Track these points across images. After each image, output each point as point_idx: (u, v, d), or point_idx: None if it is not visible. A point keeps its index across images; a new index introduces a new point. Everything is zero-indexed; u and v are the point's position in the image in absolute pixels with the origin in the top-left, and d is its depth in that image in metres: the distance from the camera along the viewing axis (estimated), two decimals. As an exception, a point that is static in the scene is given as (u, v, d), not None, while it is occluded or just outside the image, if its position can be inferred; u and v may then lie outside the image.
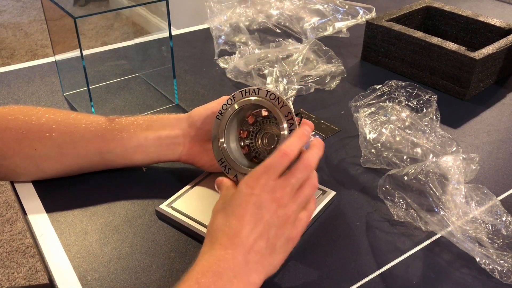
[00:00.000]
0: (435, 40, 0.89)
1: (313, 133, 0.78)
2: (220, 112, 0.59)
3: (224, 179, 0.55)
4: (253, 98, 0.57)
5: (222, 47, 1.03)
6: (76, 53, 0.72)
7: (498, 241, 0.56)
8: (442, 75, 0.89)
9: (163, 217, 0.61)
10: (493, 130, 0.80)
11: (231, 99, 0.58)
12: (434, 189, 0.58)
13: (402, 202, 0.60)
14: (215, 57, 1.01)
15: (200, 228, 0.58)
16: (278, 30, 1.10)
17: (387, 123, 0.68)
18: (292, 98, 0.85)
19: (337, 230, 0.60)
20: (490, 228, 0.57)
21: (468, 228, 0.56)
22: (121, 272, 0.54)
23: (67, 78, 0.87)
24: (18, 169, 0.63)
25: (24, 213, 0.61)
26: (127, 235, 0.59)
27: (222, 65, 0.97)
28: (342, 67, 0.93)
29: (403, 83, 0.76)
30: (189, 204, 0.61)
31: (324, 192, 0.64)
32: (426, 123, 0.70)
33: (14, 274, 1.63)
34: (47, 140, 0.61)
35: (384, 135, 0.68)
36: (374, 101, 0.74)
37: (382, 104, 0.73)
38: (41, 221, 0.60)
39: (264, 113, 0.60)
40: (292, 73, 0.87)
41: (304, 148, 0.53)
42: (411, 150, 0.66)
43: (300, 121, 0.57)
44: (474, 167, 0.64)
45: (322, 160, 0.72)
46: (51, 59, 0.98)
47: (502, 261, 0.54)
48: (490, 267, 0.54)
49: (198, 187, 0.64)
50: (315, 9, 1.12)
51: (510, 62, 0.93)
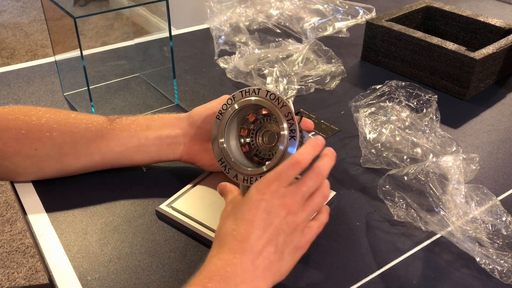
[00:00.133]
0: (435, 40, 0.89)
1: (313, 133, 0.78)
2: (220, 112, 0.59)
3: (228, 185, 0.54)
4: (253, 98, 0.57)
5: (222, 47, 1.03)
6: (76, 53, 0.72)
7: (498, 241, 0.56)
8: (442, 75, 0.89)
9: (163, 217, 0.61)
10: (493, 130, 0.80)
11: (231, 99, 0.58)
12: (434, 189, 0.58)
13: (402, 202, 0.60)
14: (215, 57, 1.01)
15: (200, 228, 0.58)
16: (278, 30, 1.10)
17: (387, 123, 0.68)
18: (292, 98, 0.85)
19: (337, 230, 0.60)
20: (490, 228, 0.57)
21: (468, 228, 0.56)
22: (121, 272, 0.54)
23: (67, 78, 0.87)
24: (19, 169, 0.63)
25: (24, 213, 0.61)
26: (127, 235, 0.59)
27: (222, 65, 0.97)
28: (342, 67, 0.93)
29: (403, 83, 0.76)
30: (189, 204, 0.61)
31: (324, 192, 0.64)
32: (426, 123, 0.70)
33: (14, 274, 1.63)
34: (48, 140, 0.61)
35: (384, 135, 0.68)
36: (374, 101, 0.74)
37: (382, 104, 0.73)
38: (41, 221, 0.60)
39: (265, 111, 0.60)
40: (292, 73, 0.87)
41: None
42: (411, 150, 0.66)
43: (300, 120, 0.57)
44: (474, 167, 0.64)
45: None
46: (51, 59, 0.98)
47: (502, 261, 0.54)
48: (490, 267, 0.54)
49: (198, 187, 0.64)
50: (315, 9, 1.12)
51: (510, 62, 0.93)
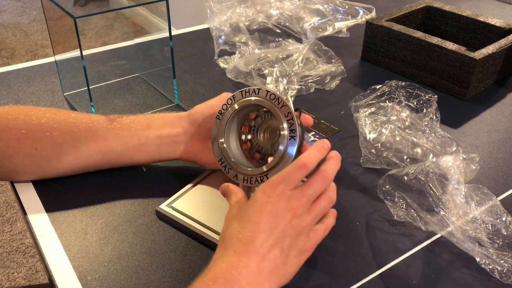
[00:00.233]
0: (435, 40, 0.89)
1: (313, 133, 0.78)
2: (220, 112, 0.59)
3: (231, 186, 0.54)
4: (253, 98, 0.57)
5: (222, 47, 1.03)
6: (76, 53, 0.72)
7: (498, 241, 0.56)
8: (442, 75, 0.89)
9: (163, 217, 0.61)
10: (493, 130, 0.80)
11: (231, 99, 0.58)
12: (434, 189, 0.58)
13: (402, 202, 0.60)
14: (215, 57, 1.01)
15: (200, 228, 0.58)
16: (278, 30, 1.10)
17: (387, 123, 0.68)
18: (292, 98, 0.85)
19: (337, 230, 0.60)
20: (490, 228, 0.57)
21: (468, 228, 0.56)
22: (121, 272, 0.54)
23: (67, 78, 0.87)
24: (19, 169, 0.63)
25: (24, 213, 0.61)
26: (127, 235, 0.59)
27: (222, 65, 0.97)
28: (342, 67, 0.93)
29: (403, 83, 0.76)
30: (189, 204, 0.61)
31: (324, 192, 0.64)
32: (426, 123, 0.70)
33: (14, 274, 1.63)
34: (48, 140, 0.61)
35: (384, 135, 0.68)
36: (374, 101, 0.74)
37: (382, 104, 0.73)
38: (41, 221, 0.60)
39: (265, 108, 0.60)
40: (292, 73, 0.87)
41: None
42: (411, 150, 0.66)
43: (300, 116, 0.57)
44: (474, 167, 0.64)
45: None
46: (51, 59, 0.98)
47: (502, 261, 0.54)
48: (490, 267, 0.54)
49: (198, 187, 0.64)
50: (315, 9, 1.12)
51: (510, 62, 0.93)
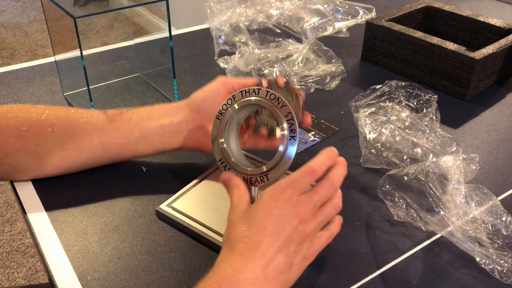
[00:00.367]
0: (435, 40, 0.89)
1: (313, 133, 0.78)
2: (220, 112, 0.59)
3: (233, 178, 0.54)
4: (253, 98, 0.57)
5: (222, 47, 1.03)
6: (76, 53, 0.72)
7: (498, 241, 0.56)
8: (442, 75, 0.89)
9: (163, 217, 0.61)
10: (493, 130, 0.80)
11: (231, 99, 0.58)
12: (434, 189, 0.58)
13: (402, 202, 0.60)
14: (215, 57, 1.01)
15: (200, 228, 0.58)
16: (278, 30, 1.10)
17: (387, 123, 0.68)
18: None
19: (337, 230, 0.60)
20: (490, 228, 0.57)
21: (468, 228, 0.56)
22: (121, 272, 0.54)
23: (67, 78, 0.87)
24: (21, 165, 0.62)
25: (24, 213, 0.61)
26: (127, 235, 0.59)
27: (222, 65, 0.97)
28: (342, 67, 0.93)
29: (403, 83, 0.76)
30: (189, 204, 0.61)
31: (324, 192, 0.64)
32: (426, 123, 0.70)
33: (14, 274, 1.63)
34: (49, 135, 0.61)
35: (384, 135, 0.68)
36: (374, 101, 0.74)
37: (382, 104, 0.73)
38: (41, 221, 0.60)
39: (281, 84, 0.60)
40: (292, 73, 0.87)
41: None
42: (411, 150, 0.66)
43: (287, 86, 0.57)
44: (474, 167, 0.64)
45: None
46: (51, 59, 0.98)
47: (502, 261, 0.54)
48: (490, 267, 0.54)
49: (198, 187, 0.64)
50: (315, 9, 1.12)
51: (510, 62, 0.93)
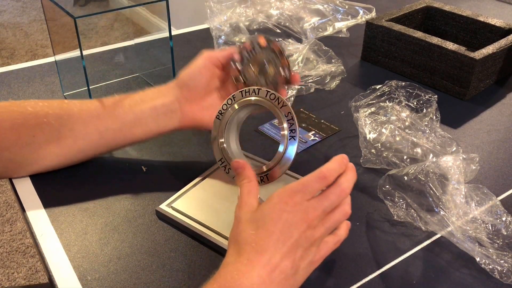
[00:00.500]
0: (435, 40, 0.89)
1: (313, 133, 0.78)
2: (220, 112, 0.59)
3: (246, 168, 0.53)
4: (253, 98, 0.57)
5: (222, 47, 1.03)
6: (76, 53, 0.72)
7: (498, 241, 0.56)
8: (442, 75, 0.89)
9: (163, 217, 0.61)
10: (493, 130, 0.80)
11: (231, 99, 0.58)
12: (434, 189, 0.58)
13: (402, 202, 0.60)
14: (215, 57, 1.01)
15: (200, 228, 0.58)
16: (278, 30, 1.10)
17: (387, 123, 0.68)
18: (292, 98, 0.85)
19: (337, 230, 0.60)
20: (490, 228, 0.57)
21: (468, 228, 0.56)
22: (121, 272, 0.54)
23: (67, 78, 0.87)
24: (18, 159, 0.62)
25: (24, 213, 0.61)
26: (127, 235, 0.59)
27: (222, 65, 0.97)
28: (342, 67, 0.93)
29: (403, 83, 0.76)
30: (189, 204, 0.61)
31: (324, 192, 0.64)
32: (426, 123, 0.70)
33: (14, 274, 1.63)
34: (45, 126, 0.61)
35: (384, 135, 0.68)
36: (374, 101, 0.74)
37: (382, 104, 0.73)
38: (41, 221, 0.60)
39: (263, 44, 0.59)
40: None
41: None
42: (411, 150, 0.66)
43: (270, 45, 0.57)
44: (474, 167, 0.64)
45: (323, 160, 0.72)
46: (51, 59, 0.98)
47: (502, 261, 0.54)
48: (490, 267, 0.54)
49: (198, 187, 0.64)
50: (315, 9, 1.11)
51: (510, 62, 0.93)
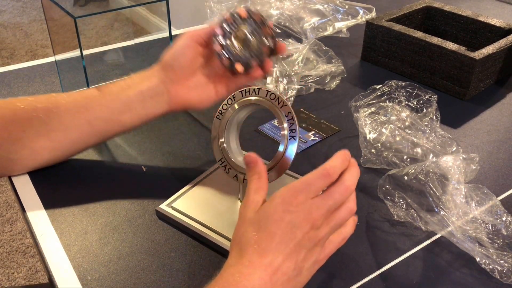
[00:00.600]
0: (435, 40, 0.89)
1: (313, 132, 0.78)
2: (220, 112, 0.59)
3: (258, 163, 0.51)
4: (253, 98, 0.57)
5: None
6: (76, 53, 0.72)
7: (498, 241, 0.56)
8: (442, 75, 0.89)
9: (163, 217, 0.61)
10: (493, 130, 0.80)
11: (231, 99, 0.58)
12: (434, 189, 0.58)
13: (402, 202, 0.60)
14: (215, 57, 1.01)
15: (200, 228, 0.58)
16: (278, 30, 1.10)
17: (387, 123, 0.68)
18: (292, 98, 0.85)
19: (337, 230, 0.60)
20: (490, 228, 0.57)
21: (468, 228, 0.56)
22: (121, 272, 0.54)
23: (67, 78, 0.87)
24: (11, 156, 0.63)
25: (24, 213, 0.61)
26: (127, 235, 0.59)
27: (222, 65, 0.97)
28: (342, 67, 0.93)
29: (403, 83, 0.76)
30: (189, 204, 0.61)
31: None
32: (426, 123, 0.70)
33: (14, 274, 1.63)
34: (34, 120, 0.62)
35: (384, 135, 0.68)
36: (374, 101, 0.74)
37: (382, 104, 0.73)
38: (41, 221, 0.60)
39: (243, 15, 0.59)
40: (292, 73, 0.87)
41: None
42: (411, 150, 0.66)
43: (250, 16, 0.57)
44: (474, 167, 0.64)
45: (323, 160, 0.72)
46: (51, 59, 0.98)
47: (502, 261, 0.54)
48: (490, 267, 0.54)
49: (198, 187, 0.64)
50: (315, 9, 1.11)
51: (510, 62, 0.93)
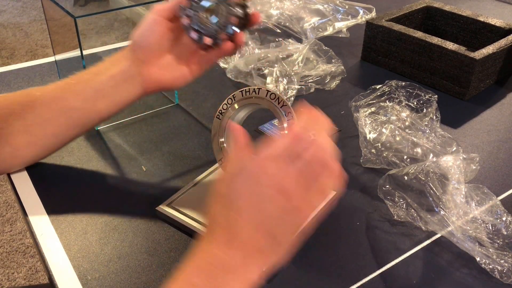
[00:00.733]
0: (435, 40, 0.89)
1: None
2: (220, 112, 0.59)
3: (239, 132, 0.46)
4: (253, 98, 0.57)
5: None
6: (76, 53, 0.72)
7: (498, 241, 0.56)
8: (442, 75, 0.89)
9: (163, 217, 0.61)
10: (493, 130, 0.80)
11: (231, 99, 0.58)
12: (434, 189, 0.58)
13: (402, 202, 0.60)
14: (215, 57, 1.01)
15: (200, 228, 0.58)
16: (278, 30, 1.10)
17: (387, 123, 0.69)
18: (292, 98, 0.85)
19: (337, 230, 0.60)
20: (490, 228, 0.57)
21: (468, 228, 0.56)
22: (121, 272, 0.54)
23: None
24: None
25: (24, 213, 0.61)
26: (127, 235, 0.59)
27: (222, 65, 0.97)
28: (342, 67, 0.93)
29: (403, 83, 0.76)
30: (189, 204, 0.61)
31: (324, 192, 0.64)
32: (426, 123, 0.70)
33: (14, 274, 1.63)
34: (9, 116, 0.62)
35: (384, 135, 0.68)
36: (374, 101, 0.74)
37: (382, 104, 0.73)
38: (41, 221, 0.60)
39: None
40: (292, 73, 0.87)
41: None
42: (411, 150, 0.66)
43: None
44: (474, 167, 0.64)
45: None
46: (51, 59, 0.98)
47: (502, 261, 0.54)
48: (490, 267, 0.54)
49: (198, 187, 0.64)
50: (315, 9, 1.12)
51: (510, 62, 0.93)
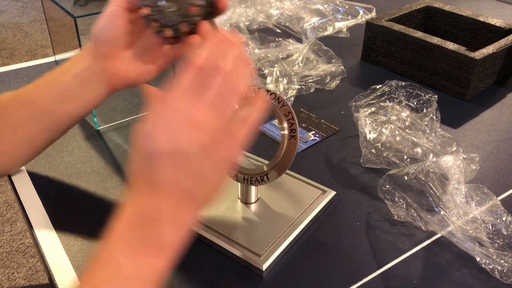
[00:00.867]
0: (435, 40, 0.89)
1: (313, 132, 0.78)
2: (220, 112, 0.59)
3: (152, 88, 0.44)
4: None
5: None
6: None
7: (498, 241, 0.56)
8: (442, 75, 0.89)
9: (163, 217, 0.61)
10: (493, 130, 0.80)
11: (231, 99, 0.58)
12: (434, 189, 0.58)
13: (402, 202, 0.60)
14: (215, 57, 1.01)
15: (200, 227, 0.58)
16: (278, 30, 1.10)
17: (387, 123, 0.69)
18: (292, 98, 0.85)
19: (337, 230, 0.60)
20: (490, 228, 0.57)
21: (468, 228, 0.56)
22: (121, 272, 0.54)
23: (67, 78, 0.87)
24: None
25: (24, 213, 0.61)
26: (127, 235, 0.58)
27: (222, 65, 0.97)
28: (342, 67, 0.93)
29: (403, 83, 0.76)
30: (189, 204, 0.61)
31: (324, 192, 0.64)
32: (426, 123, 0.70)
33: (14, 274, 1.63)
34: None
35: (384, 135, 0.68)
36: (374, 101, 0.74)
37: (382, 104, 0.73)
38: (41, 221, 0.60)
39: None
40: (292, 73, 0.87)
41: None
42: (411, 150, 0.66)
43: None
44: (474, 167, 0.64)
45: (323, 160, 0.72)
46: (51, 59, 0.98)
47: (502, 261, 0.54)
48: (490, 267, 0.54)
49: (198, 187, 0.64)
50: (315, 9, 1.12)
51: (510, 62, 0.93)
